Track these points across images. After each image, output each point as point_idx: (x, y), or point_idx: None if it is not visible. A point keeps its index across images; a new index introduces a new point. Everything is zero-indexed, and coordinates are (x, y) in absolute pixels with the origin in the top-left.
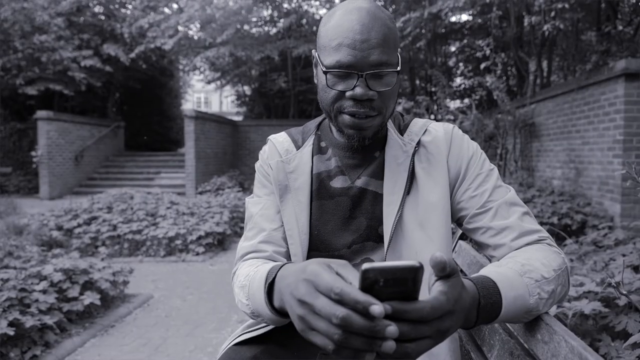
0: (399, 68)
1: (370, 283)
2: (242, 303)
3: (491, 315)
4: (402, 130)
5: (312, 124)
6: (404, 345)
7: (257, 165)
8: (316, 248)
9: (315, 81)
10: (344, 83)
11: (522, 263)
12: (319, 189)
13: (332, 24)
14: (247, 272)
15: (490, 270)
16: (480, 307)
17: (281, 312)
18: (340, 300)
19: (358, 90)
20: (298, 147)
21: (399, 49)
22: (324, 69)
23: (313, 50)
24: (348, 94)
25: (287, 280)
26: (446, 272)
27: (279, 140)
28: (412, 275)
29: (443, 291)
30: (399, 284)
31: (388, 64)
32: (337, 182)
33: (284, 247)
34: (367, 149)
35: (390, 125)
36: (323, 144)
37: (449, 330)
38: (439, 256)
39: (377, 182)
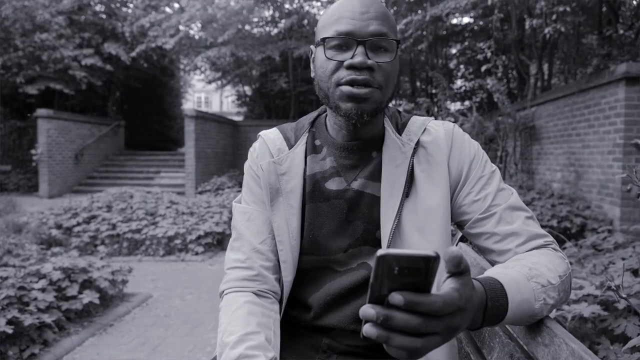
0: (400, 43)
1: (384, 270)
2: (221, 341)
3: (496, 318)
4: (400, 130)
5: (306, 120)
6: (413, 339)
7: (246, 165)
8: (310, 252)
9: (313, 75)
10: (343, 54)
11: (530, 267)
12: (313, 191)
13: (330, 9)
14: (231, 328)
15: (497, 272)
16: (487, 309)
17: None
18: None
19: (357, 58)
20: (290, 146)
21: (397, 35)
22: (324, 38)
23: (311, 46)
24: (346, 62)
25: None
26: (460, 268)
27: (270, 138)
28: (428, 265)
29: (455, 288)
30: (414, 274)
31: (387, 36)
32: (333, 184)
33: (272, 260)
34: (364, 149)
35: (387, 124)
36: (317, 142)
37: (458, 329)
38: (454, 250)
39: (374, 185)
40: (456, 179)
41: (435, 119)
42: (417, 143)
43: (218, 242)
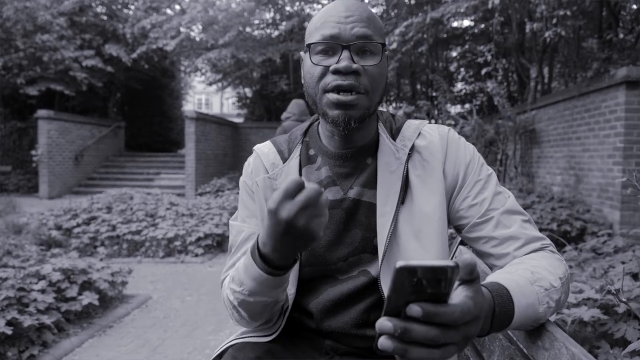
0: (386, 46)
1: (403, 282)
2: (236, 292)
3: (503, 324)
4: (394, 135)
5: (299, 130)
6: (431, 350)
7: (241, 180)
8: (310, 263)
9: (303, 81)
10: (329, 59)
11: (532, 270)
12: None
13: (317, 15)
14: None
15: (501, 277)
16: (495, 316)
17: (278, 267)
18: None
19: (342, 63)
20: (284, 159)
21: (385, 39)
22: (309, 44)
23: (301, 53)
24: (332, 67)
25: (266, 224)
26: (473, 275)
27: (264, 152)
28: (447, 275)
29: (469, 296)
30: (432, 285)
31: (372, 39)
32: (329, 194)
33: None
34: (358, 156)
35: (381, 129)
36: (312, 152)
37: (473, 337)
38: (468, 258)
39: (370, 192)
40: (452, 184)
41: (436, 121)
42: (412, 148)
43: (218, 243)
